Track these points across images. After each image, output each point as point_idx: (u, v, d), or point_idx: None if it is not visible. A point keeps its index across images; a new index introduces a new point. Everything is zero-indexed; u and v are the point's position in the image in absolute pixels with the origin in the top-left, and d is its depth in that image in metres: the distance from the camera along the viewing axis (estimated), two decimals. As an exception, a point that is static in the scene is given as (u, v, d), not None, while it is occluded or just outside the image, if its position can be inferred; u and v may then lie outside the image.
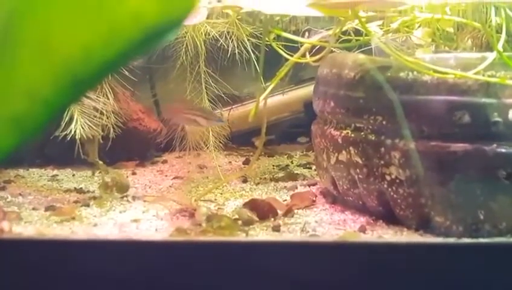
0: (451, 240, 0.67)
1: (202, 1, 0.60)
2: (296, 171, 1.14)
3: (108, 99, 0.89)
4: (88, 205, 0.91)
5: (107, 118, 0.90)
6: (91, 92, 0.85)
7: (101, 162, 0.96)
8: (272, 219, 0.86)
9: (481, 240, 0.64)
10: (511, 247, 0.63)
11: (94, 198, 0.96)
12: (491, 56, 0.69)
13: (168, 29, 0.31)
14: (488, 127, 0.71)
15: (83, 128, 0.85)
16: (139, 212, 0.89)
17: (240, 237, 0.79)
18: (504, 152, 0.71)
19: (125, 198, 0.95)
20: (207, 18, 0.82)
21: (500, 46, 0.71)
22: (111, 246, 0.67)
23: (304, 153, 1.30)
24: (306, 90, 1.29)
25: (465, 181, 0.73)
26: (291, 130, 1.37)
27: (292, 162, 1.23)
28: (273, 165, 1.20)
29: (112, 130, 0.93)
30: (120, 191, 0.94)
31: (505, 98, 0.70)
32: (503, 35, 0.73)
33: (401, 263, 0.68)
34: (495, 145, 0.71)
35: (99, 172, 1.02)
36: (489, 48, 0.73)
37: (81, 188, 1.03)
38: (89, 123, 0.87)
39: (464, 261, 0.64)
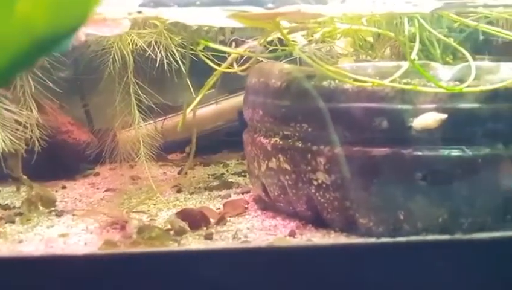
0: (371, 240, 0.70)
1: (123, 12, 0.60)
2: (230, 180, 1.15)
3: (31, 112, 0.87)
4: (13, 222, 0.89)
5: (31, 131, 0.88)
6: (12, 104, 0.83)
7: (25, 177, 0.94)
8: (205, 228, 0.87)
9: (399, 239, 0.67)
10: (426, 244, 0.67)
11: (20, 214, 0.93)
12: (405, 65, 0.73)
13: (60, 40, 0.31)
14: (404, 131, 0.74)
15: (4, 142, 0.83)
16: (68, 226, 0.87)
17: (171, 246, 0.79)
18: (420, 155, 0.75)
19: (53, 213, 0.93)
20: (134, 28, 0.82)
21: (413, 55, 0.75)
22: (36, 262, 0.65)
23: (240, 161, 1.31)
24: (240, 99, 1.31)
25: (386, 184, 0.76)
26: (227, 139, 1.38)
27: (227, 171, 1.24)
28: (208, 174, 1.21)
29: (36, 143, 0.90)
30: (46, 206, 0.92)
31: (419, 103, 0.74)
32: (417, 44, 0.77)
33: (328, 264, 0.70)
34: (411, 149, 0.74)
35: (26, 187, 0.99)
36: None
37: (6, 204, 1.00)
38: (11, 137, 0.84)
39: (384, 259, 0.67)
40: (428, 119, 0.71)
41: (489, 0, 0.69)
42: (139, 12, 0.59)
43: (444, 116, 0.70)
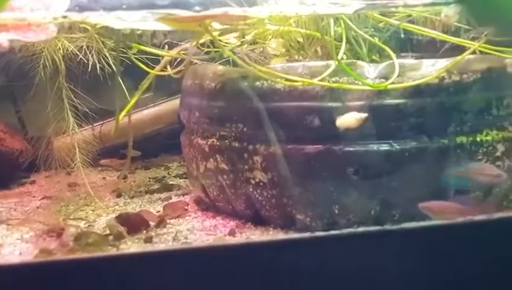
0: (306, 234, 0.72)
1: (48, 17, 0.59)
2: (171, 182, 1.15)
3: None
4: None
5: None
6: None
7: None
8: (144, 231, 0.86)
9: (332, 232, 0.69)
10: (358, 236, 0.69)
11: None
12: (333, 64, 0.75)
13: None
14: (335, 128, 0.77)
15: None
16: (2, 236, 0.85)
17: (109, 251, 0.79)
18: (351, 150, 0.77)
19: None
20: (65, 33, 0.81)
21: (340, 54, 0.78)
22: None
23: (181, 163, 1.31)
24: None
25: (320, 180, 0.79)
26: (168, 142, 1.38)
27: (169, 173, 1.24)
28: (149, 178, 1.20)
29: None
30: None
31: (348, 101, 0.76)
32: (344, 44, 0.80)
33: (266, 260, 0.71)
34: (342, 145, 0.77)
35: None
36: (336, 55, 0.79)
37: None
38: None
39: (319, 252, 0.69)
40: (350, 118, 0.73)
41: (409, 0, 0.73)
42: (65, 17, 0.58)
43: (365, 115, 0.73)
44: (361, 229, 0.75)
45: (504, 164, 0.82)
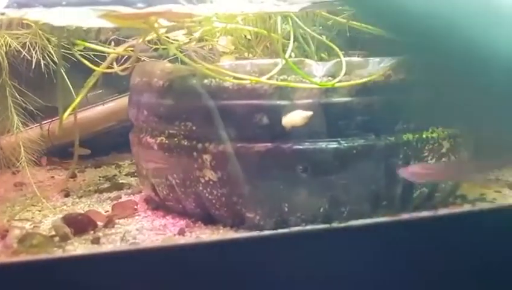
0: (254, 233, 0.72)
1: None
2: (122, 181, 1.13)
3: None
4: None
5: None
6: None
7: None
8: (92, 232, 0.85)
9: (281, 230, 0.69)
10: (306, 234, 0.70)
11: None
12: (281, 62, 0.75)
13: None
14: (284, 126, 0.77)
15: None
16: None
17: (55, 253, 0.77)
18: (300, 148, 0.78)
19: None
20: (6, 29, 0.78)
21: (288, 53, 0.78)
22: None
23: (133, 161, 1.29)
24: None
25: (269, 178, 0.79)
26: (119, 140, 1.35)
27: (120, 172, 1.22)
28: (100, 176, 1.18)
29: None
30: None
31: (296, 99, 0.76)
32: (292, 42, 0.80)
33: (215, 259, 0.71)
34: (291, 143, 0.77)
35: None
36: (284, 53, 0.79)
37: None
38: None
39: (267, 251, 0.70)
40: (295, 117, 0.74)
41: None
42: (2, 14, 0.56)
43: (310, 113, 0.74)
44: (309, 227, 0.76)
45: (450, 160, 0.84)
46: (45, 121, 1.19)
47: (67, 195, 1.04)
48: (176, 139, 0.84)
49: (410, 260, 0.69)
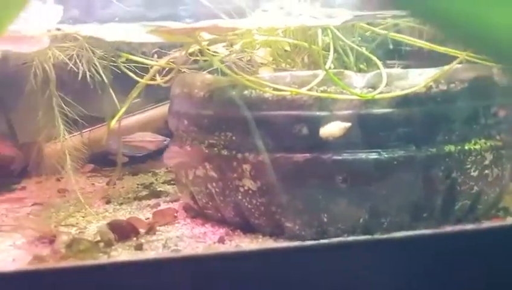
0: (296, 243, 0.73)
1: (41, 29, 0.60)
2: (159, 189, 1.16)
3: None
4: None
5: None
6: None
7: None
8: (134, 238, 0.87)
9: (322, 241, 0.70)
10: (347, 245, 0.70)
11: None
12: (321, 74, 0.76)
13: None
14: (324, 137, 0.77)
15: None
16: (-6, 243, 0.85)
17: (101, 259, 0.79)
18: (340, 159, 0.78)
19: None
20: (57, 43, 0.81)
21: (328, 64, 0.78)
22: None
23: (169, 169, 1.31)
24: (166, 108, 1.31)
25: (309, 188, 0.79)
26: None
27: (157, 180, 1.24)
28: (138, 184, 1.21)
29: None
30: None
31: (336, 110, 0.77)
32: (331, 54, 0.80)
33: (256, 268, 0.72)
34: (331, 153, 0.78)
35: None
36: (324, 65, 0.80)
37: None
38: None
39: (309, 261, 0.70)
40: (333, 127, 0.74)
41: (397, 12, 0.74)
42: (58, 29, 0.59)
43: (349, 124, 0.74)
44: (350, 238, 0.76)
45: (492, 172, 0.83)
46: (85, 130, 1.22)
47: (108, 202, 1.07)
48: (215, 148, 0.86)
49: (452, 273, 0.69)
